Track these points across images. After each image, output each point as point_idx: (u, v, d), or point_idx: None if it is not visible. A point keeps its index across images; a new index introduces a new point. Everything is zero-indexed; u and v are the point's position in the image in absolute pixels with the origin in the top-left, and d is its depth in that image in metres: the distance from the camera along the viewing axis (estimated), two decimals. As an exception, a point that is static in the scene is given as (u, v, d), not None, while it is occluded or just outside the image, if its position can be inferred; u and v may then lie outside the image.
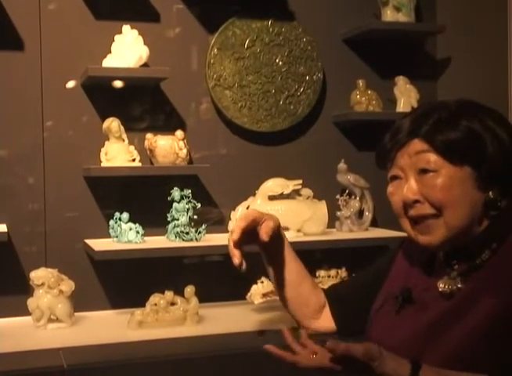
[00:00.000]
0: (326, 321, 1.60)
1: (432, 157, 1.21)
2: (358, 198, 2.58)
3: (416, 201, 1.23)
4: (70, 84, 2.34)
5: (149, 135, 2.35)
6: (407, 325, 1.25)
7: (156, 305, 2.10)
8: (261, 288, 2.26)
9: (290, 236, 2.17)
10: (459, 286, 1.23)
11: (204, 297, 2.23)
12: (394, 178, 1.28)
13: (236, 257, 1.39)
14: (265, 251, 1.55)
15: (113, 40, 2.29)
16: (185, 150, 2.35)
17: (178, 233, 2.29)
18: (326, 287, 1.75)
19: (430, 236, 1.24)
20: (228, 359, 1.87)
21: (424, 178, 1.22)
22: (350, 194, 2.59)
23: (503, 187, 1.22)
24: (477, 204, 1.22)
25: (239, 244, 1.41)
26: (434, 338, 1.19)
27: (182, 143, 2.35)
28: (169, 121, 2.45)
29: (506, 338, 1.13)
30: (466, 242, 1.24)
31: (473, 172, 1.20)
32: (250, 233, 1.46)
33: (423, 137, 1.22)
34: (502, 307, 1.14)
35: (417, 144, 1.23)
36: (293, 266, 1.56)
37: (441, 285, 1.25)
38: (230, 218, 2.42)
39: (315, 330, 1.58)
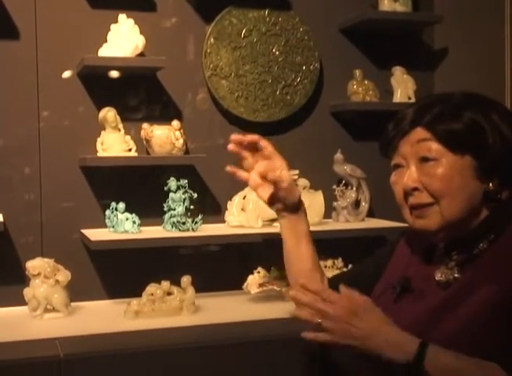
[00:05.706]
0: None
1: (433, 146, 1.22)
2: (354, 188, 2.58)
3: (416, 189, 1.24)
4: (66, 73, 2.33)
5: (145, 125, 2.34)
6: (404, 313, 1.25)
7: (152, 295, 2.10)
8: (257, 278, 2.26)
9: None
10: (455, 276, 1.24)
11: (201, 287, 2.23)
12: (397, 166, 1.29)
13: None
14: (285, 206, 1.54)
15: (109, 29, 2.28)
16: (181, 140, 2.34)
17: (174, 223, 2.29)
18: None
19: (426, 220, 1.25)
20: (224, 348, 1.88)
21: (425, 166, 1.23)
22: (346, 184, 2.58)
23: (503, 179, 1.23)
24: (475, 195, 1.23)
25: None
26: (431, 326, 1.20)
27: (178, 133, 2.34)
28: (165, 111, 2.44)
29: (502, 326, 1.13)
30: (465, 232, 1.25)
31: (473, 162, 1.21)
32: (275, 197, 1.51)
33: (425, 126, 1.23)
34: (498, 296, 1.15)
35: (419, 132, 1.24)
36: (309, 246, 1.57)
37: (438, 274, 1.26)
38: (227, 208, 2.42)
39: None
